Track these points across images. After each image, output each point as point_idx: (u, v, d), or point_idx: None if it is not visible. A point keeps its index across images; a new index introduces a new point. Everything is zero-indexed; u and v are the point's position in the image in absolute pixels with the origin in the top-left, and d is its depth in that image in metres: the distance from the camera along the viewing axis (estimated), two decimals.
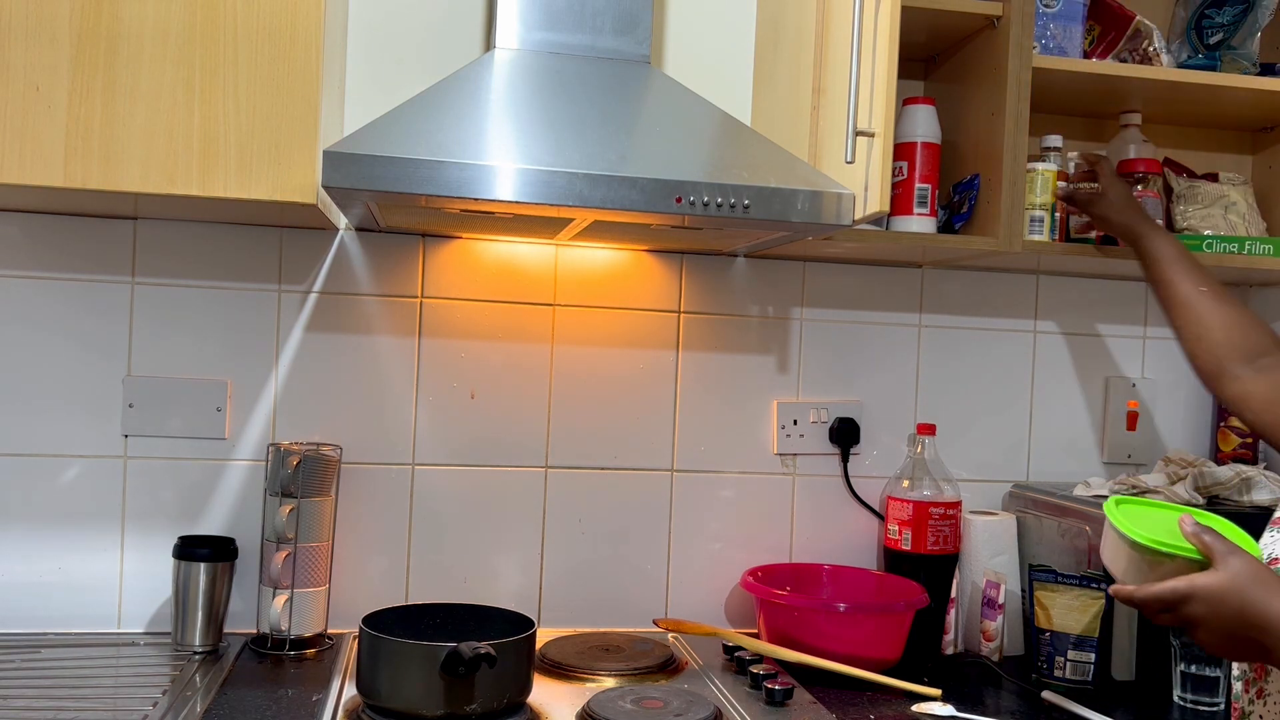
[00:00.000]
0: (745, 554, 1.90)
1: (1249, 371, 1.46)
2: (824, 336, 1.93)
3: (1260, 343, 1.48)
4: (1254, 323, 1.50)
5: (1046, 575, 1.66)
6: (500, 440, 1.82)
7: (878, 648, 1.65)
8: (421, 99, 1.41)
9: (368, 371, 1.77)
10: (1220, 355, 1.49)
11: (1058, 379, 2.01)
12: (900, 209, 1.67)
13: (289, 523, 1.61)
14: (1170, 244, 1.59)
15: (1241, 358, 1.47)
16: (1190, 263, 1.57)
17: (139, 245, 1.71)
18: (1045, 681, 1.63)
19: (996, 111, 1.65)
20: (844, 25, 1.46)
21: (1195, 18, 1.86)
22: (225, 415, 1.73)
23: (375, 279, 1.78)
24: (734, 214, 1.37)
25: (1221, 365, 1.48)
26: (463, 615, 1.57)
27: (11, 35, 1.34)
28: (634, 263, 1.86)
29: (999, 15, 1.64)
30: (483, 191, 1.31)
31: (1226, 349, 1.48)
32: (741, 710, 1.46)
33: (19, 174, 1.34)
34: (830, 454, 1.93)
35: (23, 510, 1.69)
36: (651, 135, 1.46)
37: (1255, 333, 1.49)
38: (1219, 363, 1.49)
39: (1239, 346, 1.48)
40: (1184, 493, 1.71)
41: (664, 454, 1.87)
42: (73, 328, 1.69)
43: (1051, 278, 2.01)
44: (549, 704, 1.45)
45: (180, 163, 1.37)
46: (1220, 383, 1.49)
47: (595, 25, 1.57)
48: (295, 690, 1.46)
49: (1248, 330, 1.49)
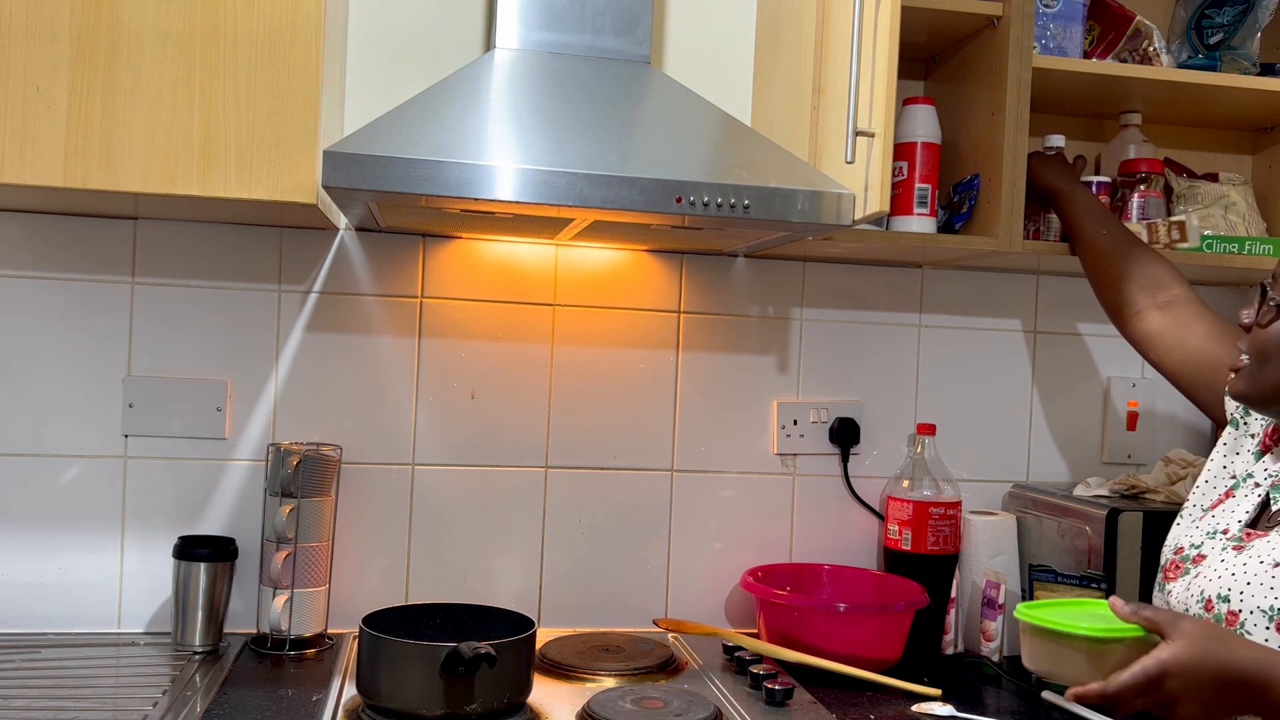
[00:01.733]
0: (745, 554, 1.90)
1: (1153, 309, 1.50)
2: (824, 336, 1.93)
3: (1159, 277, 1.52)
4: (1154, 258, 1.54)
5: (1046, 575, 1.66)
6: (500, 440, 1.82)
7: (878, 648, 1.65)
8: (421, 99, 1.41)
9: (368, 371, 1.78)
10: (1126, 291, 1.53)
11: (1058, 379, 2.01)
12: (900, 209, 1.67)
13: (289, 523, 1.61)
14: (1083, 196, 1.66)
15: (1144, 291, 1.51)
16: (1098, 211, 1.64)
17: (139, 245, 1.71)
18: (1045, 682, 1.63)
19: (996, 111, 1.65)
20: (844, 25, 1.46)
21: (1195, 18, 1.86)
22: (225, 415, 1.73)
23: (375, 279, 1.78)
24: (734, 214, 1.37)
25: (1127, 300, 1.52)
26: (463, 615, 1.57)
27: (11, 35, 1.34)
28: (634, 263, 1.86)
29: (999, 15, 1.64)
30: (483, 191, 1.31)
31: (1130, 285, 1.53)
32: (741, 710, 1.46)
33: (19, 174, 1.34)
34: (830, 454, 1.93)
35: (23, 510, 1.69)
36: (652, 135, 1.46)
37: (1155, 267, 1.53)
38: (1125, 297, 1.53)
39: (1141, 281, 1.52)
40: (1184, 493, 1.71)
41: (664, 454, 1.87)
42: (73, 328, 1.69)
43: (1051, 278, 2.00)
44: (549, 704, 1.45)
45: (180, 163, 1.37)
46: (1125, 320, 1.53)
47: (595, 25, 1.57)
48: (295, 690, 1.46)
49: (1147, 265, 1.53)
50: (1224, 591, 1.18)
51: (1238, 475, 1.32)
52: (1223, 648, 1.05)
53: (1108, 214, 1.65)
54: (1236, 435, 1.35)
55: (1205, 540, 1.27)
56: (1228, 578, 1.18)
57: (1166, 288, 1.50)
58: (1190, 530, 1.31)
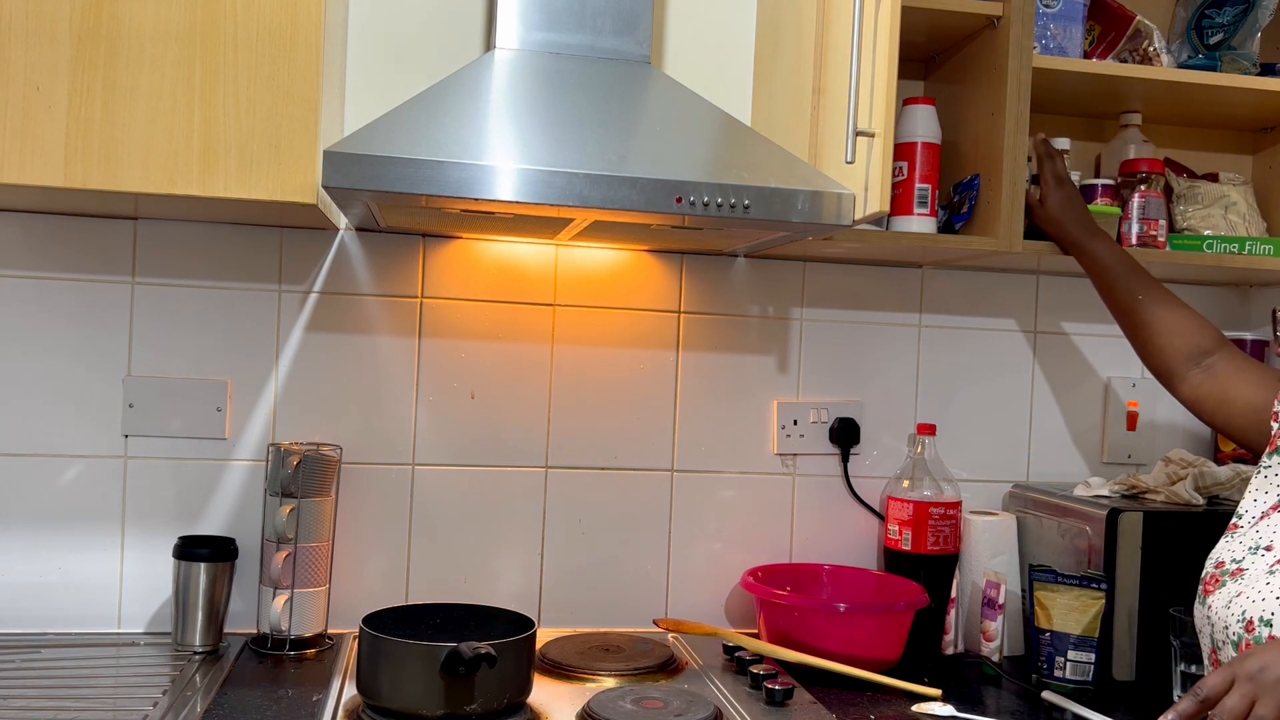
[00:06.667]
0: (745, 554, 1.90)
1: (1196, 372, 1.50)
2: (824, 336, 1.93)
3: (1202, 343, 1.51)
4: (1195, 323, 1.53)
5: (1046, 575, 1.66)
6: (500, 440, 1.82)
7: (878, 648, 1.65)
8: (422, 99, 1.41)
9: (368, 371, 1.78)
10: (1167, 359, 1.53)
11: (1058, 379, 2.01)
12: (900, 209, 1.67)
13: (289, 523, 1.61)
14: (1108, 251, 1.62)
15: (1186, 360, 1.51)
16: (1127, 268, 1.60)
17: (139, 245, 1.71)
18: (1045, 682, 1.63)
19: (996, 111, 1.65)
20: (844, 25, 1.46)
21: (1195, 18, 1.86)
22: (225, 415, 1.73)
23: (375, 279, 1.78)
24: (734, 214, 1.37)
25: (1170, 369, 1.53)
26: (463, 615, 1.57)
27: (11, 35, 1.33)
28: (634, 263, 1.86)
29: (999, 15, 1.64)
30: (483, 191, 1.31)
31: (1170, 353, 1.53)
32: (741, 710, 1.46)
33: (19, 174, 1.34)
34: (830, 454, 1.93)
35: (23, 510, 1.69)
36: (652, 135, 1.46)
37: (1196, 334, 1.52)
38: (1167, 366, 1.53)
39: (1181, 349, 1.52)
40: (1184, 493, 1.71)
41: (664, 454, 1.87)
42: (73, 327, 1.69)
43: (1051, 278, 2.01)
44: (549, 704, 1.45)
45: (180, 163, 1.37)
46: (1173, 385, 1.53)
47: (595, 25, 1.57)
48: (295, 690, 1.46)
49: (1189, 332, 1.52)
50: (1267, 615, 1.17)
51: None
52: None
53: (1135, 266, 1.61)
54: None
55: (1246, 555, 1.25)
56: (1271, 600, 1.18)
57: (1206, 350, 1.51)
58: (1233, 545, 1.29)
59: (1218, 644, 1.25)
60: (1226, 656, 1.20)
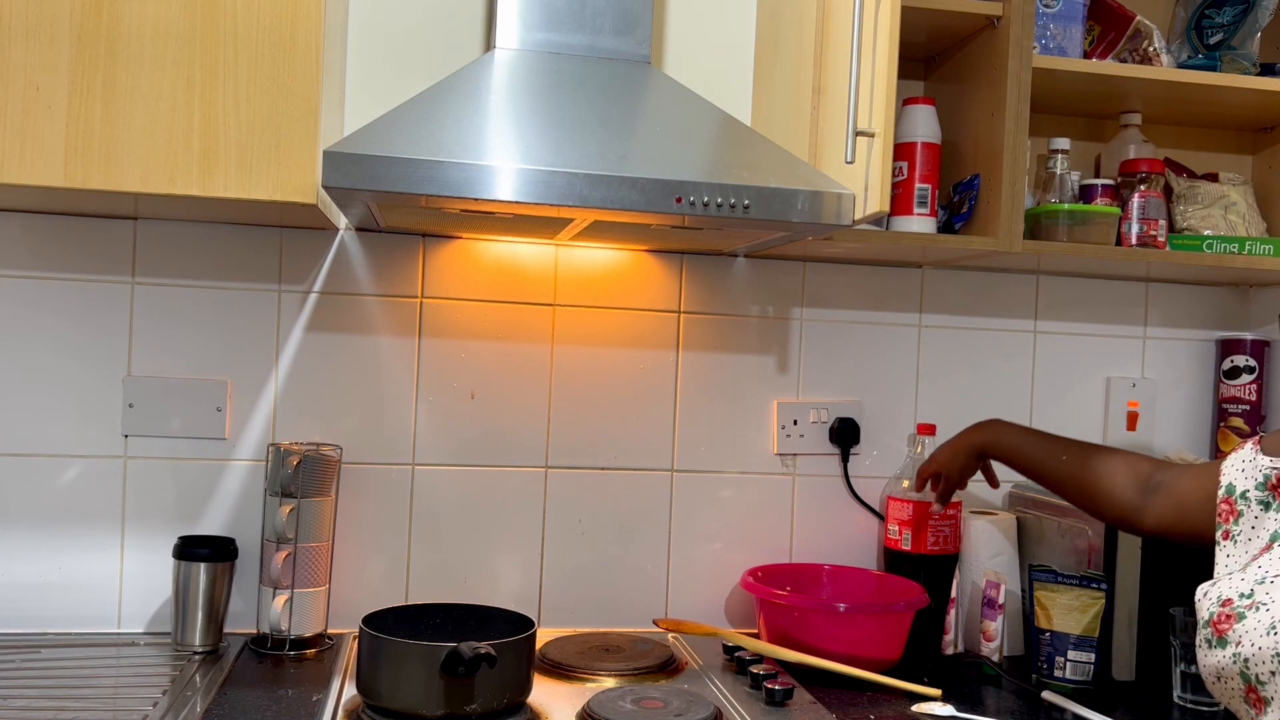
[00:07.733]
0: (745, 554, 1.90)
1: (1148, 502, 1.46)
2: (824, 336, 1.93)
3: (1140, 469, 1.49)
4: (1126, 457, 1.51)
5: (1046, 575, 1.66)
6: (500, 440, 1.82)
7: (878, 648, 1.65)
8: (421, 99, 1.41)
9: (368, 371, 1.78)
10: (1119, 500, 1.50)
11: (1058, 379, 2.01)
12: (900, 209, 1.67)
13: (289, 523, 1.61)
14: (1010, 433, 1.62)
15: (1137, 492, 1.48)
16: (1035, 442, 1.59)
17: (139, 245, 1.71)
18: (1045, 681, 1.63)
19: (996, 111, 1.65)
20: (844, 25, 1.46)
21: (1195, 18, 1.86)
22: (225, 415, 1.73)
23: (375, 279, 1.78)
24: (734, 214, 1.37)
25: (1126, 507, 1.49)
26: (463, 615, 1.57)
27: (11, 35, 1.34)
28: (634, 263, 1.86)
29: (999, 15, 1.64)
30: (483, 191, 1.31)
31: (1120, 493, 1.50)
32: (741, 710, 1.46)
33: (19, 174, 1.34)
34: (830, 454, 1.93)
35: (23, 510, 1.69)
36: (652, 135, 1.46)
37: (1133, 465, 1.49)
38: (1123, 507, 1.50)
39: (1128, 485, 1.49)
40: None
41: (664, 454, 1.87)
42: (73, 328, 1.69)
43: (1051, 278, 2.01)
44: (549, 704, 1.45)
45: (180, 163, 1.37)
46: (1138, 521, 1.49)
47: (595, 25, 1.57)
48: (295, 690, 1.46)
49: (1127, 467, 1.50)
50: None
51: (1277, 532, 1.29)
52: None
53: (1045, 436, 1.60)
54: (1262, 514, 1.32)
55: (1255, 587, 1.23)
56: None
57: (1148, 474, 1.47)
58: (1234, 583, 1.27)
59: (1256, 680, 1.17)
60: (1275, 690, 1.15)
